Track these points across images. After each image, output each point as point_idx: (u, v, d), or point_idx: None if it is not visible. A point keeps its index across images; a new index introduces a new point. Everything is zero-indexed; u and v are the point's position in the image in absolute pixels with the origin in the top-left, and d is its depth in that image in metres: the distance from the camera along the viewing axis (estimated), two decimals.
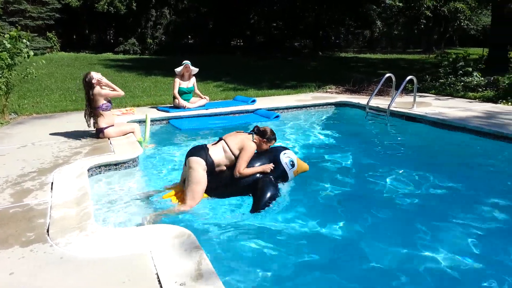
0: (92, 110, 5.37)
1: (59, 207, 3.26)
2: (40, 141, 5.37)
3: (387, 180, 4.54)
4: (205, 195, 3.77)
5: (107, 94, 5.35)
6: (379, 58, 22.66)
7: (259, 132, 4.03)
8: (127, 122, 6.26)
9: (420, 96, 9.09)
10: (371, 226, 3.52)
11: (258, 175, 3.83)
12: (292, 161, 4.06)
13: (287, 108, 8.24)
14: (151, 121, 6.95)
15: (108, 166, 4.47)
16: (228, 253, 3.05)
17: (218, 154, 3.77)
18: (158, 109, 7.72)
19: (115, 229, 3.09)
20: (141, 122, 6.59)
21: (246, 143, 3.79)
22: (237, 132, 4.04)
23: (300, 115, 8.14)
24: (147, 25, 27.08)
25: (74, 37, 30.42)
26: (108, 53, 25.51)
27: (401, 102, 8.21)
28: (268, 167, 3.86)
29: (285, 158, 4.02)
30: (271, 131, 4.08)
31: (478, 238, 3.32)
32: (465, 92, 9.28)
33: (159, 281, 2.27)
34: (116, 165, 4.50)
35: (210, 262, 2.43)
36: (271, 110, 7.84)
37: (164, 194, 3.88)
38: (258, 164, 3.89)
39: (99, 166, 4.40)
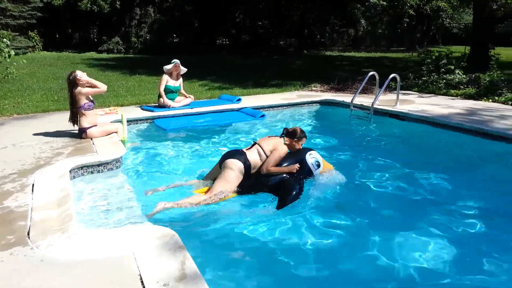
0: (75, 110, 5.30)
1: (40, 209, 3.21)
2: (21, 142, 5.26)
3: (371, 176, 4.60)
4: (233, 194, 3.87)
5: (87, 92, 5.25)
6: (364, 57, 22.82)
7: (289, 134, 4.22)
8: (111, 122, 6.19)
9: (404, 94, 9.19)
10: (357, 224, 3.56)
11: (284, 175, 3.96)
12: (318, 162, 4.18)
13: (272, 107, 8.24)
14: (135, 120, 6.90)
15: (91, 167, 4.41)
16: (215, 254, 3.04)
17: (255, 157, 4.00)
18: (142, 109, 7.65)
19: (98, 230, 3.05)
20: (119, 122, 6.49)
21: (278, 145, 4.06)
22: (270, 136, 4.29)
23: (285, 113, 8.16)
24: (131, 23, 26.75)
25: (57, 36, 29.93)
26: (91, 52, 25.13)
27: (385, 100, 8.30)
28: (294, 167, 3.98)
29: (310, 158, 4.15)
30: (300, 130, 4.24)
31: (456, 231, 3.40)
32: (447, 90, 9.42)
33: (142, 282, 2.25)
34: (99, 166, 4.44)
35: (194, 263, 2.41)
36: (256, 108, 7.83)
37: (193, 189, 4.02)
38: (285, 164, 4.03)
39: (82, 167, 4.34)
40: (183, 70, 7.76)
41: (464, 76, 10.04)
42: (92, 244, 2.68)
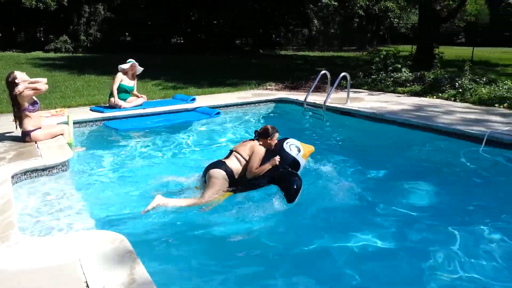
0: (17, 113, 5.02)
1: None
2: None
3: (322, 171, 4.68)
4: (229, 193, 3.90)
5: (29, 95, 4.98)
6: (317, 56, 23.29)
7: (261, 134, 4.25)
8: (57, 123, 5.91)
9: (355, 92, 9.46)
10: (310, 218, 3.64)
11: (273, 170, 4.01)
12: (297, 147, 4.27)
13: (227, 106, 8.22)
14: (84, 122, 6.64)
15: (35, 172, 4.19)
16: (170, 260, 3.00)
17: (235, 164, 4.05)
18: (91, 110, 7.35)
19: (42, 238, 2.92)
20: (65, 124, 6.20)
21: (255, 148, 4.09)
22: (244, 141, 4.34)
23: (241, 112, 8.17)
24: (80, 21, 25.72)
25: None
26: (37, 52, 23.91)
27: (337, 98, 8.50)
28: (275, 160, 4.03)
29: (288, 146, 4.23)
30: (271, 126, 4.28)
31: (404, 223, 3.56)
32: (395, 87, 9.80)
33: None
34: (44, 170, 4.24)
35: (144, 268, 2.35)
36: (212, 108, 7.77)
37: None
38: (266, 162, 4.05)
39: (25, 172, 4.12)
40: (139, 69, 7.57)
41: (410, 74, 10.48)
42: (35, 253, 2.55)
